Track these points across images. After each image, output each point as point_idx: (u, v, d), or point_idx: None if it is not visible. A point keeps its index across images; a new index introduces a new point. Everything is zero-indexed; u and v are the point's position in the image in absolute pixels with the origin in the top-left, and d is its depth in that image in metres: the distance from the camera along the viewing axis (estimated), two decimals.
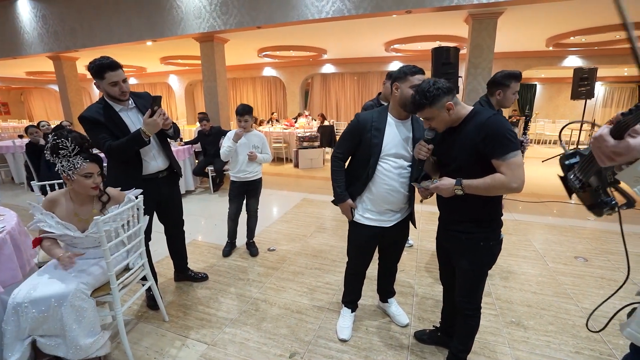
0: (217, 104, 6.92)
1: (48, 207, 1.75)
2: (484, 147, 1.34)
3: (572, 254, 3.19)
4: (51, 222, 1.69)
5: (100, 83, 1.98)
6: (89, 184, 1.73)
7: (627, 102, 11.86)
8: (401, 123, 1.79)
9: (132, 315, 2.31)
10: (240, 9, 5.69)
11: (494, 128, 1.32)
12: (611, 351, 1.94)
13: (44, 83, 15.67)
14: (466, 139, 1.40)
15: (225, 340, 2.07)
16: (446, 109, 1.40)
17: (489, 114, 1.38)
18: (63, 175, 1.71)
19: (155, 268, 2.75)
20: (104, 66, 1.93)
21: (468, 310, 1.60)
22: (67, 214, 1.76)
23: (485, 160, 1.36)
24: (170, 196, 2.40)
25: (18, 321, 1.53)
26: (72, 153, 1.69)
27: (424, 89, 1.40)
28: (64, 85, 8.43)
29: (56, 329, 1.58)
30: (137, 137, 1.97)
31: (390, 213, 1.88)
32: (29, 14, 7.47)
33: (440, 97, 1.38)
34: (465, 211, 1.49)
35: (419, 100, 1.41)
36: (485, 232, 1.49)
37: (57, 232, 1.71)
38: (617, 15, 0.74)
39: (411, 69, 1.70)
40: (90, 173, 1.72)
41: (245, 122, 2.86)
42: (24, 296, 1.54)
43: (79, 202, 1.81)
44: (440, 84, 1.39)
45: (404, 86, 1.70)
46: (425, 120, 1.49)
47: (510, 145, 1.30)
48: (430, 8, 4.72)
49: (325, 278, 2.79)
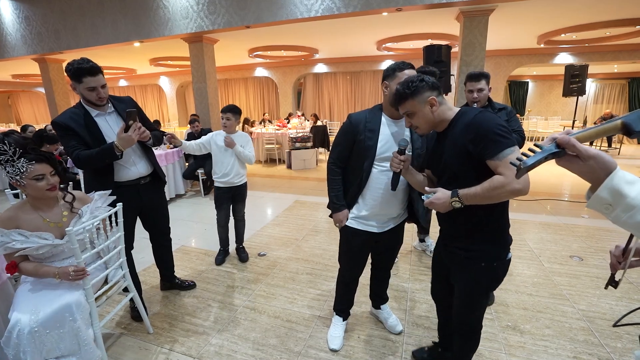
0: (207, 106, 6.81)
1: (7, 226, 1.56)
2: (475, 148, 1.20)
3: (567, 253, 3.15)
4: (20, 237, 1.54)
5: (77, 86, 1.88)
6: (42, 186, 1.58)
7: (617, 98, 11.97)
8: (396, 122, 1.69)
9: (114, 328, 2.20)
10: (228, 8, 5.59)
11: (482, 125, 1.19)
12: (609, 355, 1.89)
13: (31, 86, 15.37)
14: (455, 143, 1.28)
15: (212, 352, 1.98)
16: (429, 104, 1.30)
17: (475, 111, 1.28)
18: (12, 182, 1.57)
19: (141, 276, 2.66)
20: (83, 70, 1.84)
21: (466, 330, 1.48)
22: (34, 225, 1.61)
23: (479, 164, 1.22)
24: (154, 203, 2.30)
25: (33, 348, 1.45)
26: (15, 157, 1.53)
27: (408, 80, 1.32)
28: (50, 88, 8.24)
29: (73, 344, 1.54)
30: (108, 150, 1.86)
31: (385, 219, 1.79)
32: (11, 15, 7.28)
33: (423, 89, 1.29)
34: (465, 224, 1.33)
35: (401, 91, 1.32)
36: (489, 250, 1.31)
37: (33, 246, 1.57)
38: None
39: (399, 65, 1.61)
40: (41, 174, 1.57)
41: (227, 120, 2.77)
42: (29, 320, 1.44)
43: (44, 209, 1.66)
44: (426, 79, 1.31)
45: (392, 84, 1.59)
46: (407, 118, 1.37)
47: (504, 141, 1.15)
48: (420, 5, 4.66)
49: (317, 284, 2.71)
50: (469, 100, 2.41)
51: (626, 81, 11.70)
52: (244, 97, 14.89)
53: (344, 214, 1.79)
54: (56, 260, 1.70)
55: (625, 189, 0.60)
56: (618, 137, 9.35)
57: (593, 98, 12.22)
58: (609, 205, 0.63)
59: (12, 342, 1.43)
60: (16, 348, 1.43)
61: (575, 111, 7.07)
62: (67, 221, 1.69)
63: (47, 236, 1.61)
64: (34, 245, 1.57)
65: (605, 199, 0.63)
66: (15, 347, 1.43)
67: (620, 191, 0.61)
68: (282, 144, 8.12)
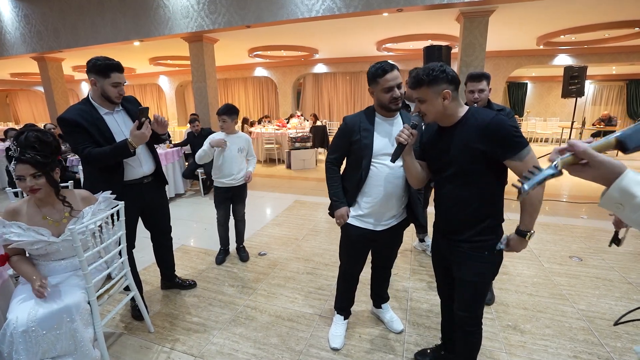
0: (207, 105, 6.80)
1: (10, 218, 1.61)
2: (493, 150, 1.27)
3: (566, 253, 3.16)
4: (18, 230, 1.55)
5: (101, 81, 1.90)
6: (22, 187, 1.58)
7: (615, 100, 12.01)
8: (390, 121, 1.74)
9: (115, 327, 2.20)
10: (229, 8, 5.58)
11: (501, 129, 1.25)
12: (609, 354, 1.90)
13: (29, 85, 15.31)
14: (466, 143, 1.30)
15: (213, 351, 1.98)
16: (442, 96, 1.31)
17: (490, 114, 1.30)
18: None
19: (142, 275, 2.66)
20: (112, 66, 1.90)
21: (469, 326, 1.49)
22: (34, 221, 1.62)
23: (491, 161, 1.29)
24: (156, 203, 2.30)
25: (28, 348, 1.44)
26: (15, 155, 1.56)
27: (429, 67, 1.31)
28: (49, 87, 8.21)
29: (70, 345, 1.53)
30: (122, 147, 1.87)
31: (384, 217, 1.80)
32: (11, 13, 7.26)
33: (441, 80, 1.29)
34: (467, 217, 1.38)
35: (420, 76, 1.32)
36: (489, 240, 1.38)
37: (28, 239, 1.57)
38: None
39: (378, 70, 1.59)
40: (20, 176, 1.56)
41: (224, 122, 2.76)
42: (26, 319, 1.44)
43: (47, 207, 1.68)
44: (448, 70, 1.31)
45: (377, 90, 1.64)
46: (418, 102, 1.39)
47: (522, 142, 1.25)
48: (421, 6, 4.67)
49: (318, 283, 2.71)
50: (469, 101, 2.39)
51: (624, 83, 11.74)
52: (243, 96, 14.87)
53: (345, 211, 1.81)
54: (52, 260, 1.70)
55: (634, 188, 0.63)
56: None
57: (591, 99, 12.26)
58: (619, 205, 0.66)
59: (7, 340, 1.42)
60: (10, 346, 1.43)
61: (574, 112, 7.11)
62: (67, 222, 1.69)
63: (44, 232, 1.61)
64: (29, 240, 1.57)
65: (616, 197, 0.65)
66: (10, 344, 1.43)
67: (629, 191, 0.63)
68: (281, 144, 8.12)
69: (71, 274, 1.72)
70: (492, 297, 2.41)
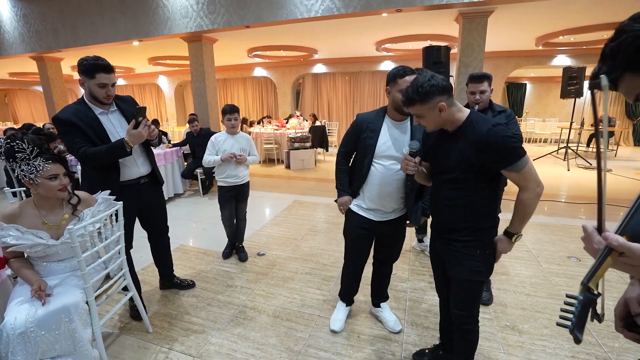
0: (206, 105, 6.79)
1: (8, 221, 1.60)
2: (489, 161, 1.29)
3: (564, 253, 3.17)
4: (16, 233, 1.56)
5: (88, 82, 1.89)
6: (55, 186, 1.61)
7: (614, 101, 12.03)
8: (397, 125, 1.79)
9: (113, 327, 2.20)
10: (228, 8, 5.58)
11: (494, 143, 1.26)
12: (607, 354, 1.90)
13: (28, 84, 15.27)
14: (464, 153, 1.32)
15: (211, 351, 1.98)
16: (438, 109, 1.32)
17: (485, 127, 1.29)
18: (25, 181, 1.59)
19: (141, 275, 2.66)
20: (98, 67, 1.86)
21: (466, 324, 1.50)
22: (33, 225, 1.63)
23: (484, 171, 1.32)
24: (153, 203, 2.30)
25: (26, 349, 1.43)
26: (32, 155, 1.57)
27: (417, 84, 1.32)
28: (48, 87, 8.20)
29: (68, 345, 1.53)
30: (119, 146, 1.87)
31: (383, 212, 1.89)
32: (9, 12, 7.24)
33: (433, 95, 1.29)
34: (461, 217, 1.40)
35: (410, 95, 1.34)
36: (483, 239, 1.41)
37: (27, 243, 1.57)
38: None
39: (400, 71, 1.67)
40: (55, 174, 1.61)
41: (235, 121, 2.81)
42: (25, 320, 1.43)
43: (47, 209, 1.68)
44: (435, 81, 1.29)
45: (394, 90, 1.70)
46: (416, 117, 1.42)
47: (518, 152, 1.26)
48: (420, 7, 4.68)
49: (316, 284, 2.71)
50: (470, 102, 2.38)
51: None
52: (242, 97, 14.84)
53: (347, 199, 1.94)
54: (51, 261, 1.70)
55: None
56: (615, 138, 9.41)
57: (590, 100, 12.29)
58: None
59: (3, 340, 1.42)
60: (7, 347, 1.42)
61: (572, 113, 7.11)
62: (65, 224, 1.69)
63: (43, 235, 1.62)
64: (28, 243, 1.58)
65: None
66: (6, 345, 1.42)
67: None
68: (280, 144, 8.11)
69: (70, 274, 1.73)
70: (490, 297, 2.41)
